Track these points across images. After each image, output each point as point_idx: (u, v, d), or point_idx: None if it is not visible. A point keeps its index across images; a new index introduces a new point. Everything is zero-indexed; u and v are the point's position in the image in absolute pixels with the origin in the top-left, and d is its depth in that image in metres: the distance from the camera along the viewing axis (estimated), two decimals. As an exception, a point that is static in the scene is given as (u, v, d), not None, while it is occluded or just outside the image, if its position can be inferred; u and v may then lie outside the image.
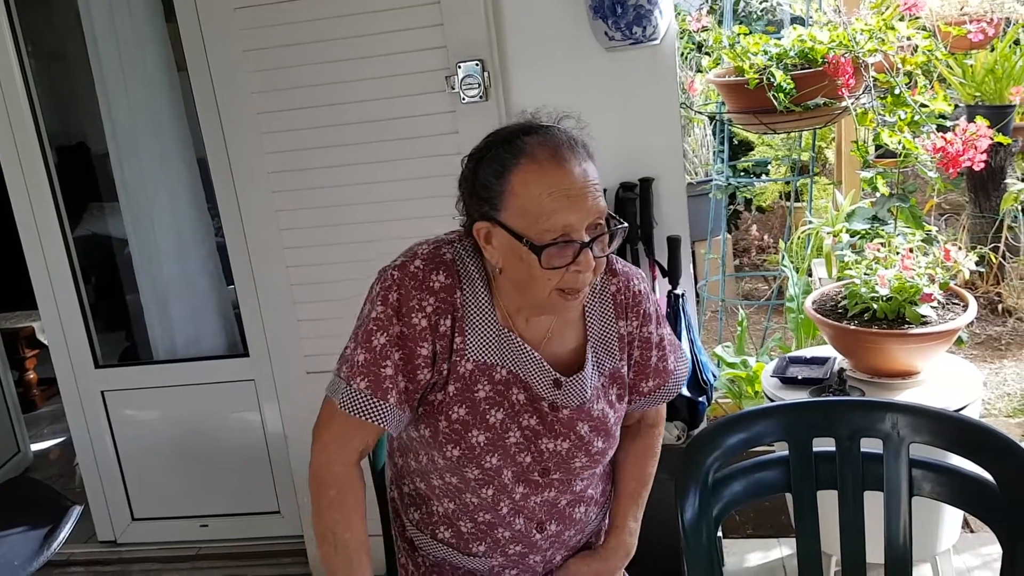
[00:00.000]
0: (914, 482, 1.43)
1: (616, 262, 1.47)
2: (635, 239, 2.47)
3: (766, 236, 5.11)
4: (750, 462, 1.51)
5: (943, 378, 2.25)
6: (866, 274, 2.27)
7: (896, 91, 2.41)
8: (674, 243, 2.45)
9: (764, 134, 3.71)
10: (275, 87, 2.52)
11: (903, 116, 2.39)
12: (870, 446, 1.47)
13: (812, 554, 1.50)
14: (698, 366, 2.40)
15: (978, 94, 3.73)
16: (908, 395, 2.19)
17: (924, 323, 2.17)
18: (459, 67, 2.39)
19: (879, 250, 2.31)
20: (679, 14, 3.09)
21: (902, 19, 2.44)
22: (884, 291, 2.18)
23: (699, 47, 3.80)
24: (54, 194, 2.89)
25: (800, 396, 2.23)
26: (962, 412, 2.08)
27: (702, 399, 2.39)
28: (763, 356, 3.15)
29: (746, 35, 2.68)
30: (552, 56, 2.44)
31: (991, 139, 2.24)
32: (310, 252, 2.64)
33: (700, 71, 3.79)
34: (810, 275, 3.34)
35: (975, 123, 2.26)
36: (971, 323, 2.51)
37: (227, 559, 2.98)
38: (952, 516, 2.23)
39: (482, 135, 2.61)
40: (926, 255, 2.30)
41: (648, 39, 2.34)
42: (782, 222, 4.83)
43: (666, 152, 2.48)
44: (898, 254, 2.27)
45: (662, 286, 2.49)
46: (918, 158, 2.33)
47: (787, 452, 1.50)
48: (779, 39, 2.68)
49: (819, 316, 2.30)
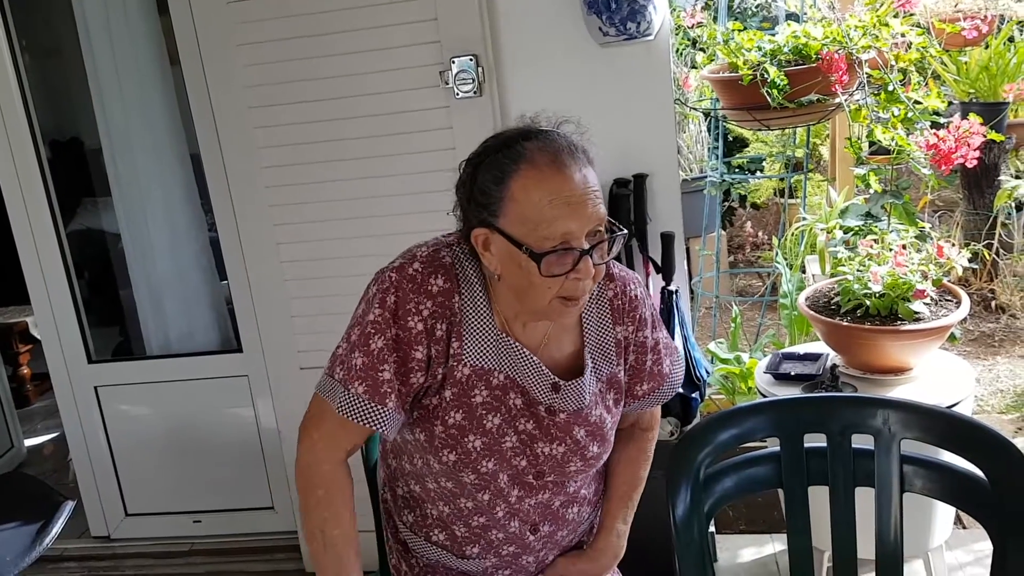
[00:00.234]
0: (905, 478, 1.43)
1: (613, 267, 1.45)
2: (629, 235, 2.47)
3: (760, 232, 5.11)
4: (741, 458, 1.51)
5: (936, 374, 2.25)
6: (859, 270, 2.27)
7: (890, 88, 2.41)
8: (668, 239, 2.45)
9: (758, 130, 3.71)
10: (268, 81, 2.51)
11: (896, 113, 2.39)
12: (861, 442, 1.47)
13: (803, 550, 1.50)
14: (691, 362, 2.40)
15: (972, 91, 3.73)
16: (901, 391, 2.19)
17: (917, 320, 2.17)
18: (453, 62, 2.39)
19: (872, 247, 2.31)
20: (674, 10, 3.08)
21: (896, 16, 2.44)
22: (877, 287, 2.19)
23: (694, 43, 3.80)
24: (47, 189, 2.88)
25: (793, 392, 2.23)
26: (954, 408, 2.08)
27: (695, 395, 2.40)
28: (757, 352, 3.16)
29: (740, 31, 2.68)
30: (546, 51, 2.44)
31: (984, 136, 2.24)
32: (304, 247, 2.63)
33: (695, 67, 3.79)
34: (804, 271, 3.34)
35: (968, 120, 2.26)
36: (964, 320, 2.52)
37: (220, 555, 2.98)
38: (945, 512, 2.23)
39: (476, 130, 2.60)
40: (919, 252, 2.30)
41: (642, 35, 2.33)
42: (776, 218, 4.84)
43: (660, 148, 2.48)
44: (891, 251, 2.27)
45: (656, 282, 2.49)
46: (911, 155, 2.33)
47: (778, 448, 1.50)
48: (773, 35, 2.68)
49: (812, 312, 2.30)
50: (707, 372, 2.47)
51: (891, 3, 2.43)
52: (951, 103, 3.51)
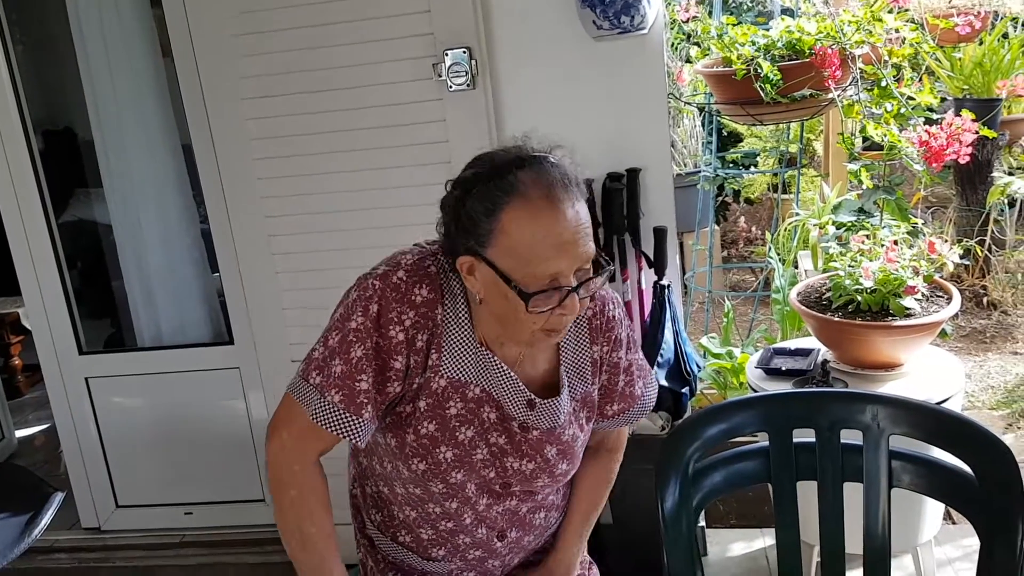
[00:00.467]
0: (893, 473, 1.44)
1: None
2: (622, 230, 2.47)
3: (754, 228, 5.12)
4: (730, 452, 1.51)
5: (926, 370, 2.26)
6: (851, 266, 2.27)
7: (883, 83, 2.42)
8: (660, 234, 2.45)
9: (751, 125, 3.71)
10: (260, 73, 2.50)
11: (890, 109, 2.39)
12: (850, 437, 1.47)
13: (792, 544, 1.51)
14: (682, 357, 2.40)
15: (966, 87, 3.73)
16: (891, 387, 2.19)
17: (908, 315, 2.17)
18: (446, 55, 2.38)
19: (864, 242, 2.31)
20: (668, 3, 3.08)
21: (890, 11, 2.44)
22: (868, 283, 2.19)
23: (688, 37, 3.79)
24: (38, 179, 2.87)
25: (784, 387, 2.23)
26: (944, 404, 2.09)
27: (685, 390, 2.40)
28: (749, 347, 3.16)
29: (734, 25, 2.68)
30: (540, 45, 2.43)
31: (976, 133, 2.25)
32: (296, 240, 2.63)
33: (689, 61, 3.79)
34: (796, 267, 3.35)
35: (960, 117, 2.27)
36: (956, 316, 2.52)
37: (211, 546, 2.97)
38: (934, 508, 2.24)
39: (469, 123, 2.59)
40: (911, 248, 2.30)
41: (636, 28, 2.33)
42: (770, 214, 4.84)
43: (654, 142, 2.48)
44: (883, 246, 2.27)
45: (648, 277, 2.49)
46: (904, 151, 2.33)
47: (767, 443, 1.50)
48: (767, 30, 2.67)
49: (803, 308, 2.30)
50: (698, 367, 2.47)
51: (885, -2, 2.43)
52: (944, 99, 3.51)
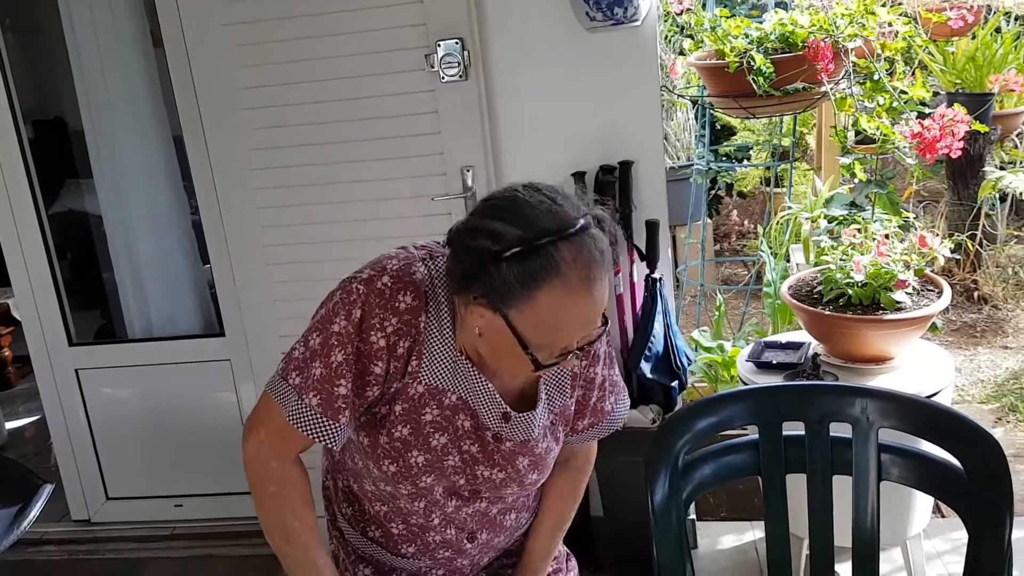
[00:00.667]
0: (882, 467, 1.44)
1: None
2: (614, 222, 2.46)
3: (747, 221, 5.12)
4: (720, 445, 1.51)
5: (917, 364, 2.26)
6: (842, 260, 2.27)
7: (876, 77, 2.41)
8: (652, 227, 2.45)
9: (744, 118, 3.71)
10: (252, 63, 2.49)
11: (882, 102, 2.39)
12: (840, 431, 1.47)
13: (781, 537, 1.51)
14: (672, 350, 2.40)
15: (958, 82, 3.74)
16: (882, 380, 2.20)
17: (898, 309, 2.17)
18: (439, 45, 2.37)
19: (855, 236, 2.31)
20: (662, -4, 3.07)
21: (883, 4, 2.44)
22: (859, 277, 2.19)
23: (682, 30, 3.79)
24: (27, 169, 2.85)
25: (774, 381, 2.23)
26: (934, 398, 2.09)
27: (675, 383, 2.40)
28: (740, 341, 3.16)
29: (727, 18, 2.67)
30: (533, 36, 2.42)
31: (968, 125, 2.25)
32: (287, 231, 2.62)
33: (683, 54, 3.78)
34: (788, 260, 3.35)
35: (952, 109, 2.26)
36: (946, 310, 2.53)
37: (202, 539, 2.97)
38: (923, 501, 2.25)
39: (462, 115, 2.57)
40: (902, 242, 2.30)
41: (629, 20, 2.32)
42: (763, 207, 4.84)
43: (646, 135, 2.47)
44: (874, 240, 2.27)
45: (640, 270, 2.49)
46: (896, 144, 2.33)
47: (757, 436, 1.50)
48: (761, 23, 2.67)
49: (794, 301, 2.30)
50: (688, 360, 2.48)
51: (878, -8, 2.43)
52: (937, 93, 3.52)
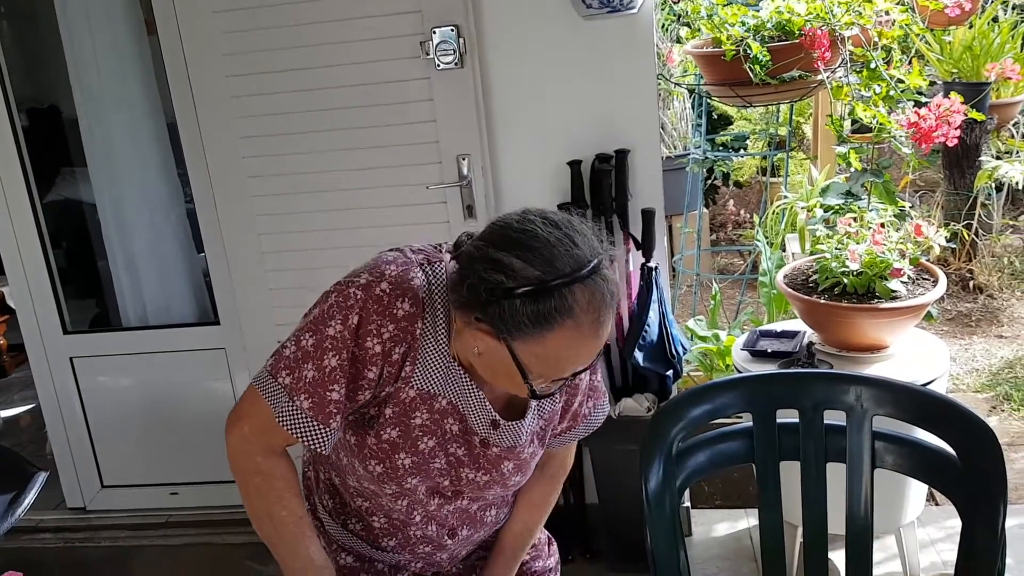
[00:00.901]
0: (876, 454, 1.44)
1: None
2: (610, 211, 2.46)
3: (743, 211, 5.12)
4: (714, 433, 1.51)
5: (912, 353, 2.27)
6: (837, 248, 2.27)
7: (872, 65, 2.41)
8: (648, 216, 2.44)
9: (740, 107, 3.70)
10: (246, 50, 2.48)
11: (878, 91, 2.38)
12: (834, 418, 1.47)
13: (775, 525, 1.51)
14: (667, 339, 2.40)
15: (955, 71, 3.73)
16: (876, 369, 2.20)
17: (893, 298, 2.18)
18: (434, 33, 2.36)
19: (851, 225, 2.31)
20: (659, -16, 3.06)
21: (880, -7, 2.43)
22: (854, 265, 2.19)
23: (678, 17, 3.77)
24: (21, 158, 2.84)
25: (769, 369, 2.23)
26: (929, 387, 2.09)
27: (669, 372, 2.40)
28: (735, 330, 3.16)
29: (724, 6, 2.66)
30: (528, 23, 2.41)
31: (964, 114, 2.24)
32: (282, 220, 2.61)
33: (679, 42, 3.77)
34: (784, 250, 3.35)
35: (949, 98, 2.26)
36: (942, 299, 2.53)
37: (197, 527, 2.97)
38: (917, 489, 2.25)
39: (458, 102, 2.54)
40: (898, 231, 2.30)
41: (625, 7, 2.31)
42: (759, 197, 4.84)
43: (642, 124, 2.47)
44: (870, 229, 2.27)
45: (636, 259, 2.49)
46: (892, 133, 2.33)
47: (751, 423, 1.50)
48: (757, 10, 2.66)
49: (790, 290, 2.30)
50: (683, 348, 2.48)
51: (875, -20, 2.42)
52: (934, 82, 3.51)
